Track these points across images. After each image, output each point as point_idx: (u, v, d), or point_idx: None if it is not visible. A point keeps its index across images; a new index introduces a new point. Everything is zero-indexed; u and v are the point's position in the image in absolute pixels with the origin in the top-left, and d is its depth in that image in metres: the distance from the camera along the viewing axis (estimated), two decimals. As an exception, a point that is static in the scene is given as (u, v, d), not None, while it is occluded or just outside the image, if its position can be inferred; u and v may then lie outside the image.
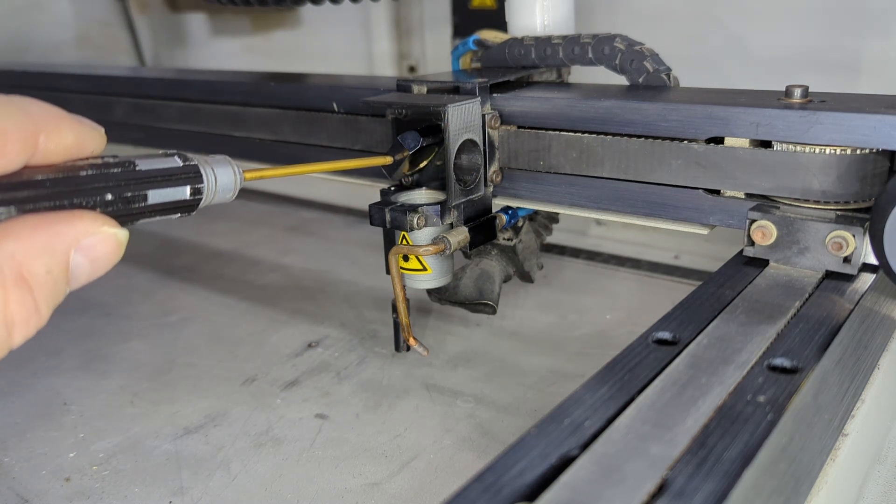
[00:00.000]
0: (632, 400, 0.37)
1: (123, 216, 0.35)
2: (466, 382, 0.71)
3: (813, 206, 0.53)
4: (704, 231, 0.59)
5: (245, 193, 0.42)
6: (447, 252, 0.62)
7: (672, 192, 0.59)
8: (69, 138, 0.33)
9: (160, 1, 1.66)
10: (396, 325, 0.68)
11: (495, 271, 0.74)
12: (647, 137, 0.58)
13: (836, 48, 0.91)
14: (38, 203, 0.31)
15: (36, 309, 0.31)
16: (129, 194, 0.35)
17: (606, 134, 0.61)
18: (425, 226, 0.62)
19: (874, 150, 0.50)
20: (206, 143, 0.92)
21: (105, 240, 0.33)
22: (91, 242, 0.32)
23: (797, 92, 0.54)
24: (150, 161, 0.36)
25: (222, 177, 0.39)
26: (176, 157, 0.37)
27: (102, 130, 0.35)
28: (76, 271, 0.32)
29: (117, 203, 0.34)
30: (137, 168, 0.35)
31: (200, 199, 0.38)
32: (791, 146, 0.52)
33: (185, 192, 0.38)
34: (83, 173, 0.33)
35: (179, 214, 0.38)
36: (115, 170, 0.34)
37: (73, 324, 0.88)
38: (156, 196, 0.36)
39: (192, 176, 0.38)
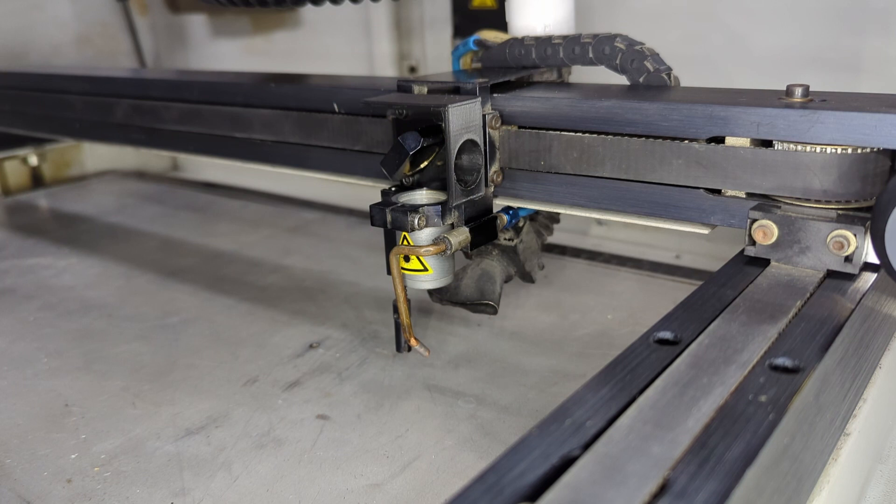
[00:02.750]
0: (633, 400, 0.37)
1: None
2: (468, 383, 0.71)
3: (814, 205, 0.52)
4: (705, 231, 0.59)
5: (246, 194, 0.42)
6: (448, 252, 0.62)
7: (673, 191, 0.59)
8: None
9: (161, 2, 1.67)
10: (398, 326, 0.68)
11: (496, 271, 0.74)
12: (647, 137, 0.58)
13: (837, 47, 0.91)
14: None
15: None
16: None
17: (607, 134, 0.60)
18: (426, 226, 0.62)
19: (875, 150, 0.50)
20: (206, 145, 0.92)
21: None
22: None
23: (798, 91, 0.54)
24: None
25: None
26: None
27: None
28: None
29: None
30: None
31: None
32: (792, 145, 0.52)
33: None
34: None
35: None
36: None
37: (75, 325, 0.88)
38: None
39: None
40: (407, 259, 0.65)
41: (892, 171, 0.51)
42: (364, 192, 0.79)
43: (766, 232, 0.52)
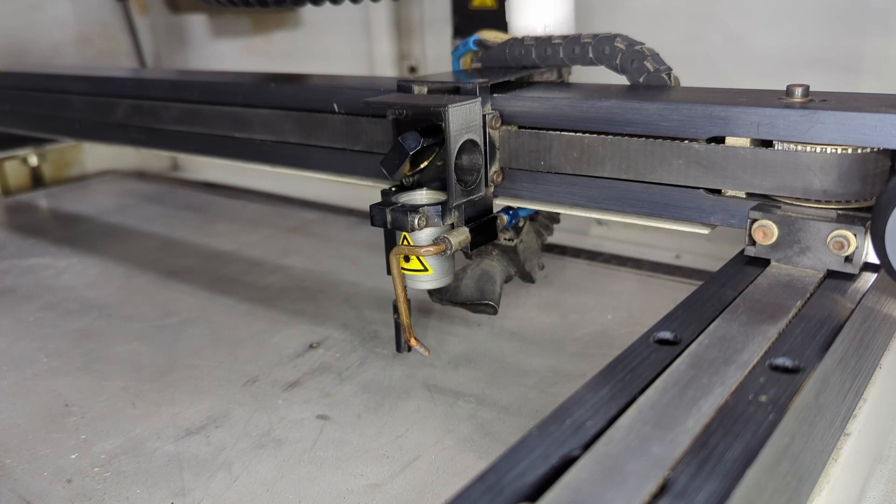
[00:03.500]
0: (633, 400, 0.37)
1: None
2: (468, 383, 0.71)
3: (814, 205, 0.52)
4: (705, 231, 0.59)
5: (246, 194, 0.42)
6: (448, 252, 0.62)
7: (673, 191, 0.59)
8: None
9: (161, 2, 1.66)
10: (398, 326, 0.68)
11: (496, 272, 0.74)
12: (647, 137, 0.58)
13: (837, 47, 0.91)
14: None
15: None
16: None
17: (607, 134, 0.60)
18: (426, 226, 0.62)
19: (875, 150, 0.50)
20: (206, 145, 0.92)
21: None
22: None
23: (798, 91, 0.54)
24: None
25: None
26: None
27: None
28: None
29: None
30: None
31: None
32: (792, 145, 0.52)
33: None
34: None
35: None
36: None
37: (75, 325, 0.88)
38: None
39: None
40: (407, 259, 0.65)
41: (892, 171, 0.51)
42: (364, 192, 0.79)
43: (766, 232, 0.52)
